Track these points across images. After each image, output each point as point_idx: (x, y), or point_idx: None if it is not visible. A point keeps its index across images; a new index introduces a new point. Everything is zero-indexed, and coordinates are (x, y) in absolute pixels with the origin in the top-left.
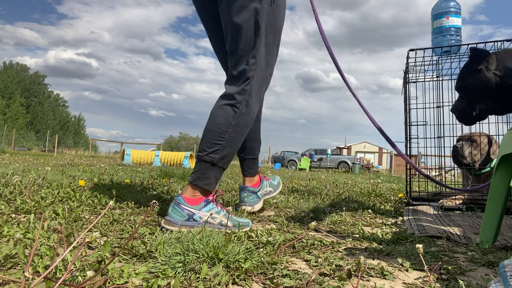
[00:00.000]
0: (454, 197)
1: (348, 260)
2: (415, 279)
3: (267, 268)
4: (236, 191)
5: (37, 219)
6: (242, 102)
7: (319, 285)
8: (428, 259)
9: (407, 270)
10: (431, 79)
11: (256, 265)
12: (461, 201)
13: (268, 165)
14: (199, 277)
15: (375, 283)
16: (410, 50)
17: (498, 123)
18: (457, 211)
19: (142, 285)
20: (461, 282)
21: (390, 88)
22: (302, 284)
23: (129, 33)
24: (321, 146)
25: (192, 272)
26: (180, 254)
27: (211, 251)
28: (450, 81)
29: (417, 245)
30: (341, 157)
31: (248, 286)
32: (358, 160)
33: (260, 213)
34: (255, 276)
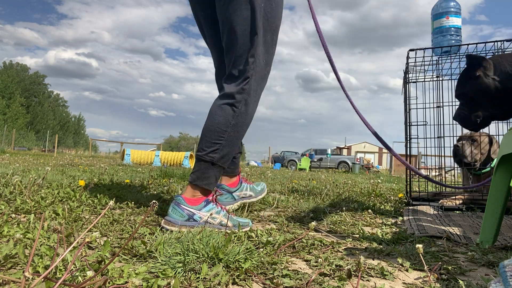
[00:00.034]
0: (454, 197)
1: (348, 260)
2: (415, 279)
3: (267, 268)
4: None
5: (37, 219)
6: (241, 101)
7: (319, 285)
8: (428, 259)
9: (407, 270)
10: (431, 79)
11: (256, 265)
12: (461, 201)
13: (268, 165)
14: (199, 277)
15: (375, 283)
16: (410, 50)
17: (498, 123)
18: (457, 211)
19: (142, 285)
20: (461, 282)
21: (390, 88)
22: (302, 284)
23: (129, 33)
24: (321, 146)
25: (192, 272)
26: (180, 254)
27: (211, 251)
28: (450, 81)
29: (417, 245)
30: (341, 157)
31: (248, 286)
32: (358, 160)
33: (260, 213)
34: (255, 276)
